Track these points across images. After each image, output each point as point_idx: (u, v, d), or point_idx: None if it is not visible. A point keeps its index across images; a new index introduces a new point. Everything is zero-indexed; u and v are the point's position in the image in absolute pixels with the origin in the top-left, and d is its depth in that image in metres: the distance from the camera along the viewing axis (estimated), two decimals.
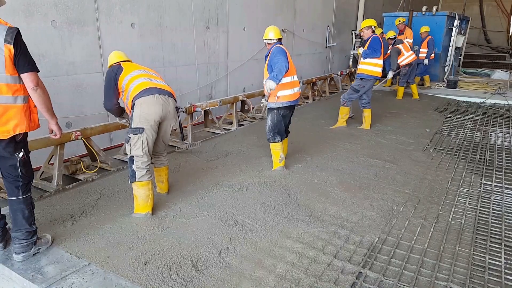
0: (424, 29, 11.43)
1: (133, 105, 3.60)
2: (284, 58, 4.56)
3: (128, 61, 4.00)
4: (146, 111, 3.53)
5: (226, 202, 4.06)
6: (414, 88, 10.46)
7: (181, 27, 7.00)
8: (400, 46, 9.82)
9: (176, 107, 3.85)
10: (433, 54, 11.50)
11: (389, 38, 10.25)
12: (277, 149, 4.94)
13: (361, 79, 6.83)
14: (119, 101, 3.96)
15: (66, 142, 4.49)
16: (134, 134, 3.54)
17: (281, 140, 4.96)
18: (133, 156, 3.59)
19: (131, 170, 3.62)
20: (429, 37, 11.37)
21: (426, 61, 11.33)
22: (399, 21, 11.56)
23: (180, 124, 4.04)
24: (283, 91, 4.74)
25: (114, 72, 3.77)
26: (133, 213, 3.74)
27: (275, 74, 4.47)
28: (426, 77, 11.88)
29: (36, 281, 2.78)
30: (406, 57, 9.88)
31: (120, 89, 3.78)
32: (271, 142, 4.94)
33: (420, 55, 11.30)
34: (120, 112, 4.13)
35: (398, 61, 9.66)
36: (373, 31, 6.86)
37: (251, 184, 4.51)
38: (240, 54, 8.78)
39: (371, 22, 6.86)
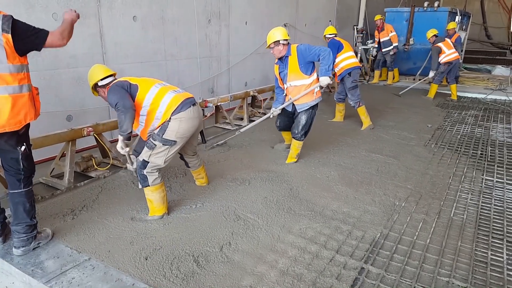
0: (452, 25, 10.76)
1: (168, 120, 3.42)
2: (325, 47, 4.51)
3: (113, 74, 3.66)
4: (185, 126, 3.46)
5: (228, 196, 4.04)
6: (454, 88, 9.84)
7: (183, 20, 6.95)
8: (441, 44, 9.27)
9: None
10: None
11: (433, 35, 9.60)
12: (299, 147, 5.02)
13: (349, 74, 6.55)
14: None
15: (78, 138, 4.38)
16: (163, 145, 3.43)
17: None
18: (146, 162, 3.45)
19: (141, 175, 3.48)
20: (457, 34, 10.63)
21: None
22: (379, 17, 11.43)
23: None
24: (317, 85, 4.76)
25: (125, 88, 3.42)
26: (147, 215, 3.60)
27: (328, 66, 4.48)
28: None
29: (36, 276, 2.77)
30: (447, 55, 9.26)
31: (140, 106, 3.45)
32: (300, 140, 4.96)
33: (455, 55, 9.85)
34: (133, 119, 3.38)
35: (439, 59, 9.27)
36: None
37: (253, 178, 4.50)
38: (242, 48, 8.73)
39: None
